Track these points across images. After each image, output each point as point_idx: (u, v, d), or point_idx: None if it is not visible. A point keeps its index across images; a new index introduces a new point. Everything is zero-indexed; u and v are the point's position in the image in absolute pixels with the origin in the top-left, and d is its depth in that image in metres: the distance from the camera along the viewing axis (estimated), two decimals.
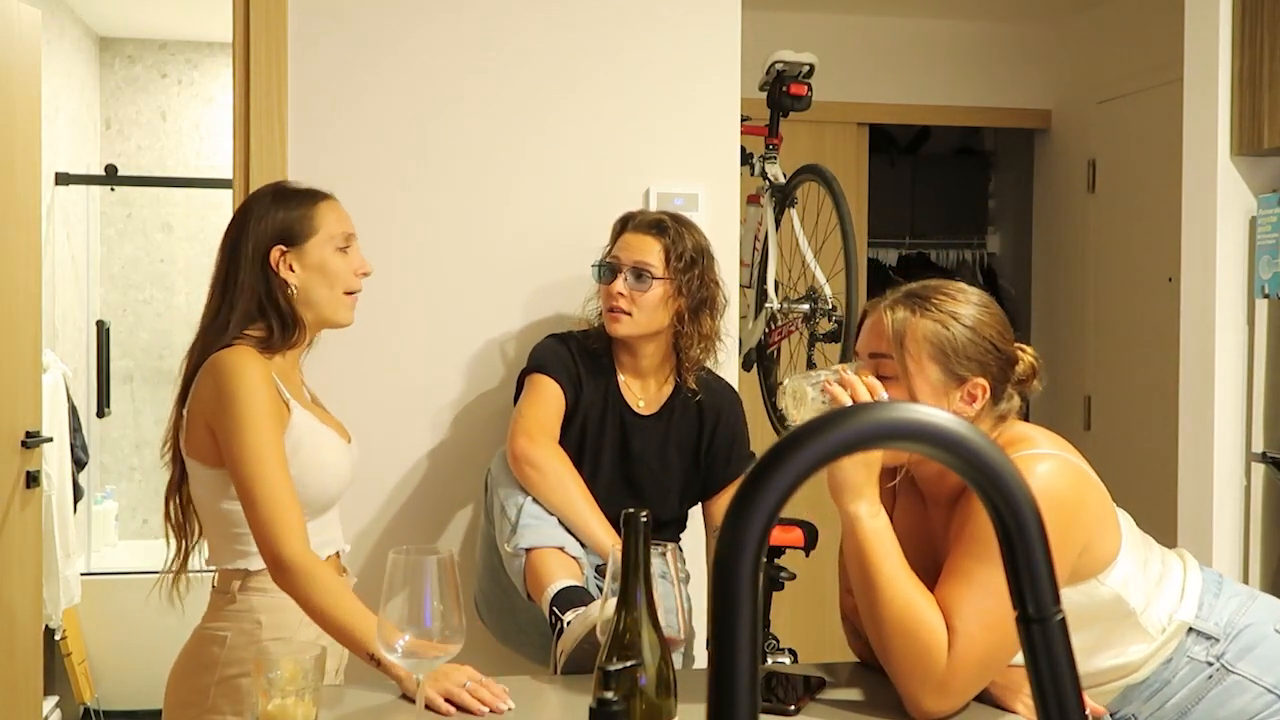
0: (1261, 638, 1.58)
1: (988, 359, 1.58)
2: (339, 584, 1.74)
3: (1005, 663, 1.51)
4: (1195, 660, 1.57)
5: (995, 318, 1.61)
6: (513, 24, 2.63)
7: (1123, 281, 4.44)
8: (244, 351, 1.80)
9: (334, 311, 1.91)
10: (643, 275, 2.23)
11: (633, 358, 2.31)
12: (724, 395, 2.37)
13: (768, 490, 0.62)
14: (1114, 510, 1.59)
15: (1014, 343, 1.64)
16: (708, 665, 0.63)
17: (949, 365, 1.57)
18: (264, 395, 1.77)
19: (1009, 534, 0.66)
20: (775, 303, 3.13)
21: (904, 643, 1.48)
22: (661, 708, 1.25)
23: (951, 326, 1.57)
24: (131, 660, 4.26)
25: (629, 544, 1.26)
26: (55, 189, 4.33)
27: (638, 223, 2.30)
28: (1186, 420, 3.15)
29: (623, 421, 2.30)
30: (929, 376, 1.57)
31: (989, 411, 1.60)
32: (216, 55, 5.09)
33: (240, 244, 1.87)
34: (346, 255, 1.91)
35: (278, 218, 1.87)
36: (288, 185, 1.95)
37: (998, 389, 1.60)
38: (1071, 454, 1.56)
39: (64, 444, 3.86)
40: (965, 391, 1.57)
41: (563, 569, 2.02)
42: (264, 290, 1.85)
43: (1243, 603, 1.61)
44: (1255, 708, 1.56)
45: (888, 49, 4.68)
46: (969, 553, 1.49)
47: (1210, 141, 3.06)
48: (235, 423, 1.74)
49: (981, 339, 1.57)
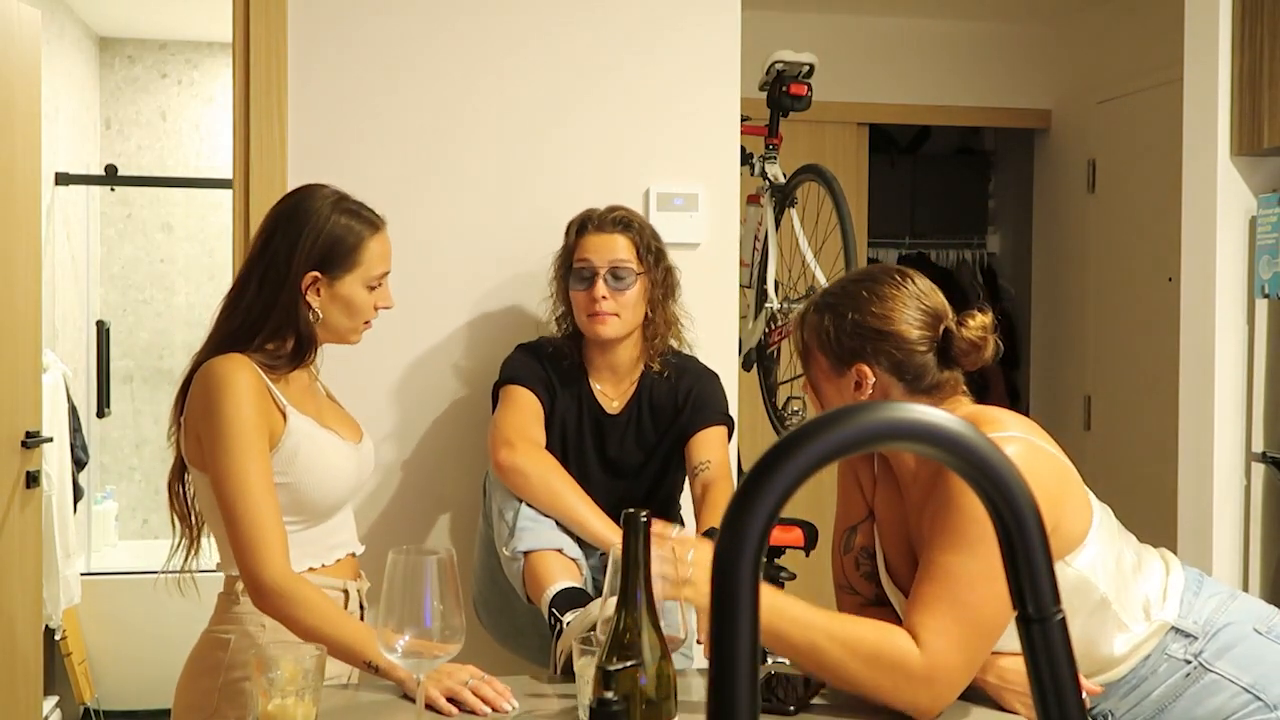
0: (1240, 637, 1.58)
1: (867, 344, 1.59)
2: (322, 600, 1.71)
3: (988, 646, 1.51)
4: (1173, 658, 1.57)
5: (892, 300, 1.59)
6: (512, 25, 2.63)
7: (1123, 281, 4.44)
8: (235, 361, 1.77)
9: (344, 337, 1.91)
10: (621, 274, 2.20)
11: (607, 357, 2.28)
12: (692, 362, 2.35)
13: (768, 490, 0.62)
14: (1085, 493, 1.59)
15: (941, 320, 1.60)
16: (708, 665, 0.63)
17: (832, 353, 1.62)
18: (249, 408, 1.74)
19: (1009, 534, 0.66)
20: (775, 303, 3.13)
21: (867, 670, 1.47)
22: (661, 708, 1.25)
23: (827, 318, 1.62)
24: (131, 660, 4.26)
25: (629, 544, 1.26)
26: (55, 189, 4.33)
27: (599, 222, 2.25)
28: (1186, 420, 3.15)
29: (598, 425, 2.28)
30: (821, 366, 1.65)
31: (902, 394, 1.60)
32: (216, 55, 5.09)
33: (283, 251, 1.81)
34: (374, 292, 1.88)
35: (333, 237, 1.82)
36: (348, 201, 1.88)
37: (904, 369, 1.59)
38: (1039, 437, 1.56)
39: (64, 444, 3.86)
40: (852, 378, 1.61)
41: (561, 571, 2.02)
42: (294, 308, 1.82)
43: (1222, 601, 1.61)
44: (1232, 707, 1.56)
45: (888, 49, 4.68)
46: (944, 544, 1.49)
47: (1210, 141, 3.06)
48: (218, 438, 1.72)
49: (857, 325, 1.59)
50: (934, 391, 1.61)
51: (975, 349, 1.59)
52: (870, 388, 1.60)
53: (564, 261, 2.29)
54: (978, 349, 1.59)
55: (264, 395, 1.78)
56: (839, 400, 1.64)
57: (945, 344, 1.60)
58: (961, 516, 1.47)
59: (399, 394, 2.60)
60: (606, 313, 2.19)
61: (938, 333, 1.60)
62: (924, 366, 1.60)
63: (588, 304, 2.21)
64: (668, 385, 2.29)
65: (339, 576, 1.88)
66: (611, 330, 2.21)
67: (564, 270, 2.28)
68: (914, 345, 1.59)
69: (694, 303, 2.50)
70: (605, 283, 2.19)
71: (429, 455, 2.61)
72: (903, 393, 1.60)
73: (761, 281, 3.18)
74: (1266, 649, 1.58)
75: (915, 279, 1.64)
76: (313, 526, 1.86)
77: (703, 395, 2.29)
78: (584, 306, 2.22)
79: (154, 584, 1.89)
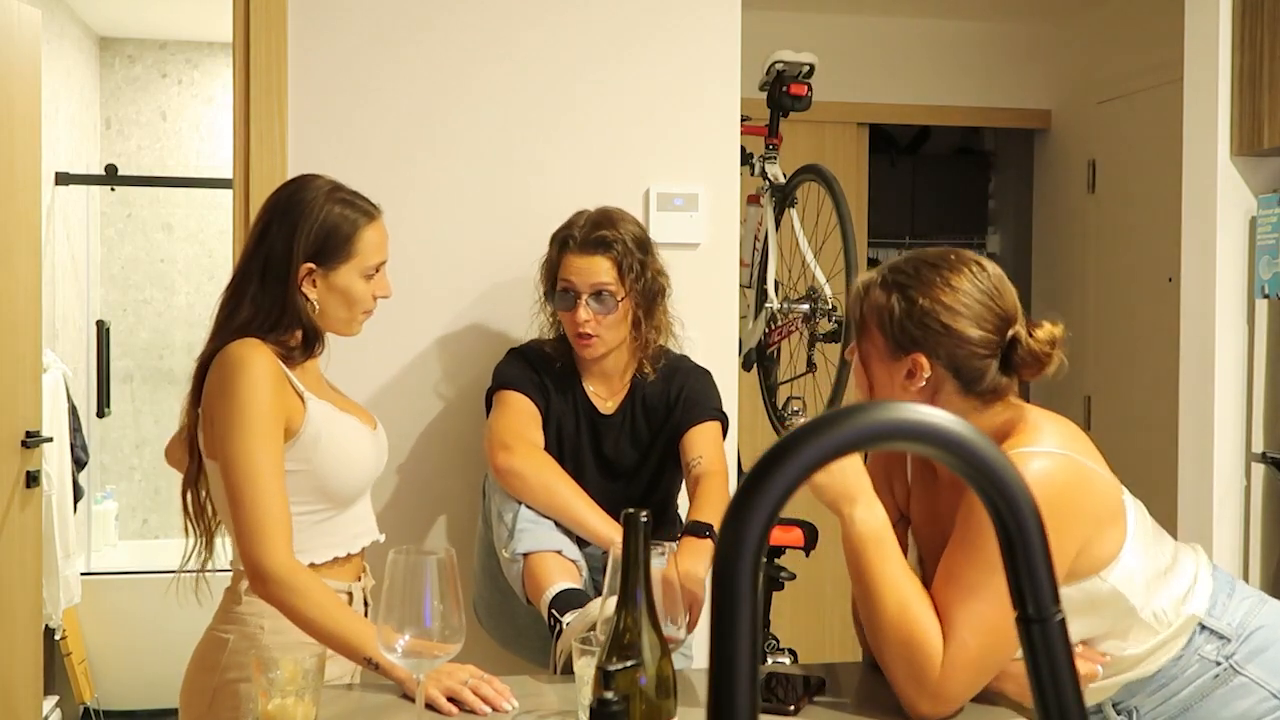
0: (1272, 641, 1.57)
1: (930, 336, 1.53)
2: (324, 592, 1.69)
3: (999, 667, 1.51)
4: (1205, 659, 1.56)
5: (965, 296, 1.53)
6: (512, 25, 2.63)
7: (1123, 281, 4.44)
8: (253, 345, 1.76)
9: (343, 327, 1.89)
10: (603, 297, 2.18)
11: (599, 364, 2.28)
12: (683, 361, 2.34)
13: (768, 490, 0.62)
14: (1122, 507, 1.56)
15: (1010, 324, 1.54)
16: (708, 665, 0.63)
17: (892, 336, 1.56)
18: (266, 392, 1.72)
19: (1009, 534, 0.66)
20: (775, 303, 3.13)
21: (900, 649, 1.49)
22: (661, 708, 1.25)
23: (894, 298, 1.55)
24: (131, 660, 4.26)
25: (629, 544, 1.26)
26: (55, 189, 4.33)
27: (580, 241, 2.20)
28: (1186, 420, 3.15)
29: (594, 425, 2.29)
30: (877, 345, 1.58)
31: (953, 392, 1.55)
32: (216, 55, 5.09)
33: (280, 243, 1.81)
34: (371, 281, 1.87)
35: (328, 227, 1.81)
36: (342, 191, 1.87)
37: (961, 369, 1.53)
38: (1078, 449, 1.53)
39: (64, 444, 3.86)
40: (906, 366, 1.55)
41: (561, 572, 2.02)
42: (292, 301, 1.81)
43: (1254, 605, 1.60)
44: (1259, 711, 1.55)
45: (888, 49, 4.68)
46: (965, 557, 1.48)
47: (1210, 141, 3.06)
48: (231, 421, 1.70)
49: (925, 314, 1.52)
50: (988, 395, 1.56)
51: (1038, 362, 1.53)
52: (924, 380, 1.54)
53: (548, 275, 2.27)
54: (1040, 363, 1.53)
55: (282, 381, 1.76)
56: (888, 382, 1.59)
57: (1009, 351, 1.53)
58: (986, 530, 1.44)
59: (396, 395, 2.59)
60: (589, 334, 2.19)
61: (1004, 338, 1.53)
62: (983, 370, 1.54)
63: (572, 325, 2.21)
64: (659, 385, 2.29)
65: (344, 579, 1.87)
66: (596, 350, 2.22)
67: (549, 285, 2.27)
68: (977, 347, 1.53)
69: (694, 303, 2.50)
70: (588, 305, 2.18)
71: (427, 456, 2.61)
72: (956, 391, 1.55)
73: (761, 281, 3.18)
74: None
75: (991, 272, 1.56)
76: (338, 514, 1.85)
77: (694, 393, 2.29)
78: (569, 326, 2.23)
79: (164, 588, 1.88)
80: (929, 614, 1.48)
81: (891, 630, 1.49)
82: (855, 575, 1.53)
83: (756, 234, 3.28)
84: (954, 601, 1.48)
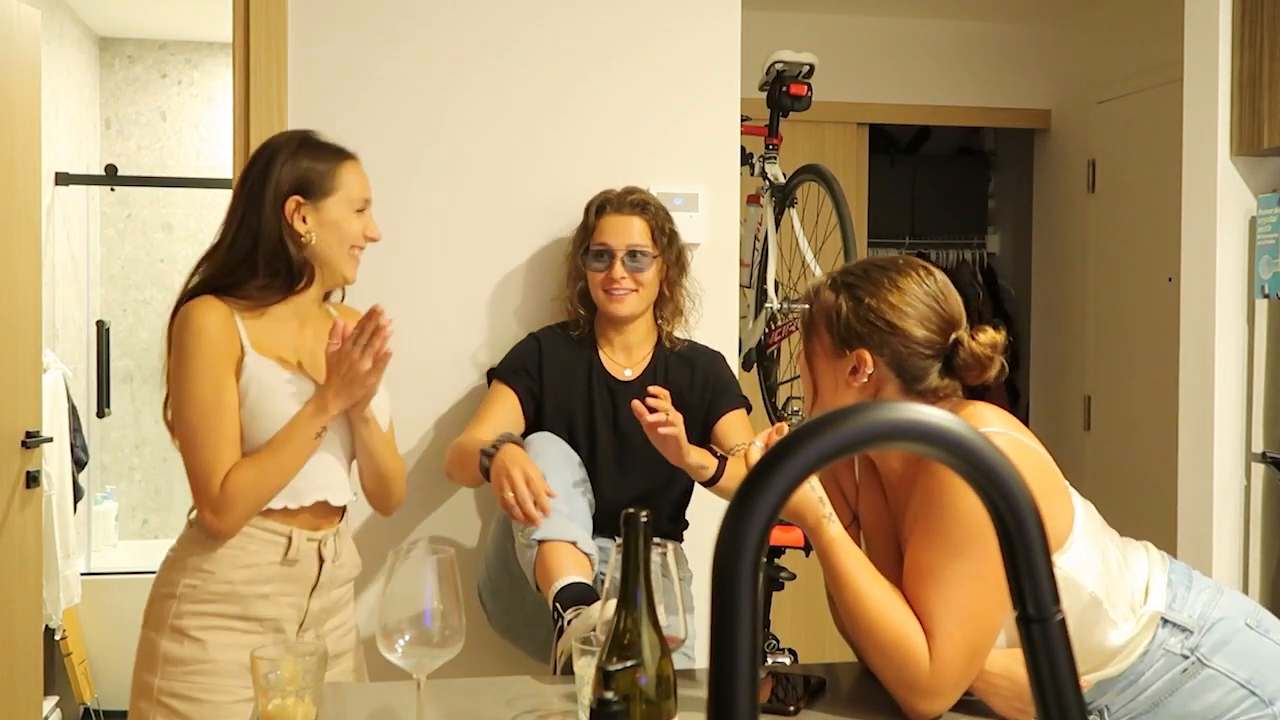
0: (1234, 632, 1.58)
1: (875, 334, 1.57)
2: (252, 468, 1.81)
3: (988, 649, 1.51)
4: (1170, 653, 1.57)
5: (910, 297, 1.58)
6: (513, 25, 2.63)
7: (1122, 281, 4.44)
8: (204, 303, 1.85)
9: (341, 264, 1.95)
10: (638, 256, 2.30)
11: (621, 333, 2.36)
12: (703, 348, 2.44)
13: (768, 490, 0.62)
14: (1066, 490, 1.58)
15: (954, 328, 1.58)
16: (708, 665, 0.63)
17: (838, 334, 1.60)
18: (208, 345, 1.81)
19: (1009, 534, 0.66)
20: (775, 303, 3.13)
21: (884, 656, 1.49)
22: (661, 708, 1.25)
23: (842, 298, 1.60)
24: (131, 660, 4.25)
25: (629, 544, 1.26)
26: (55, 189, 4.33)
27: (617, 204, 2.34)
28: (1186, 420, 3.15)
29: (610, 392, 2.33)
30: (823, 343, 1.63)
31: (895, 391, 1.58)
32: (216, 55, 5.09)
33: (259, 186, 1.89)
34: (360, 218, 1.95)
35: (301, 166, 1.90)
36: (314, 136, 1.96)
37: (904, 368, 1.57)
38: (1021, 433, 1.56)
39: (64, 444, 3.86)
40: (850, 363, 1.59)
41: (573, 565, 2.02)
42: (277, 236, 1.87)
43: (1212, 596, 1.61)
44: (1228, 703, 1.56)
45: (888, 49, 4.68)
46: (931, 546, 1.49)
47: (1210, 141, 3.06)
48: (175, 374, 1.82)
49: (870, 312, 1.57)
50: (929, 396, 1.60)
51: (980, 365, 1.57)
52: (866, 376, 1.58)
53: (581, 241, 2.37)
54: (982, 366, 1.57)
55: (225, 334, 1.83)
56: (830, 380, 1.63)
57: (951, 353, 1.58)
58: (947, 518, 1.47)
59: (397, 390, 2.59)
60: (625, 289, 2.29)
61: (947, 340, 1.58)
62: (925, 370, 1.58)
63: (605, 282, 2.30)
64: (682, 362, 2.37)
65: (287, 523, 1.88)
66: (628, 307, 2.30)
67: (581, 250, 2.36)
68: (921, 346, 1.57)
69: (694, 302, 2.50)
70: (623, 264, 2.29)
71: (431, 447, 2.61)
72: (898, 390, 1.59)
73: (761, 281, 3.18)
74: (1259, 644, 1.58)
75: (938, 277, 1.62)
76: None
77: (721, 379, 2.39)
78: (601, 284, 2.31)
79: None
80: (905, 613, 1.50)
81: (873, 641, 1.50)
82: (834, 583, 1.54)
83: (756, 234, 3.28)
84: (930, 596, 1.48)
